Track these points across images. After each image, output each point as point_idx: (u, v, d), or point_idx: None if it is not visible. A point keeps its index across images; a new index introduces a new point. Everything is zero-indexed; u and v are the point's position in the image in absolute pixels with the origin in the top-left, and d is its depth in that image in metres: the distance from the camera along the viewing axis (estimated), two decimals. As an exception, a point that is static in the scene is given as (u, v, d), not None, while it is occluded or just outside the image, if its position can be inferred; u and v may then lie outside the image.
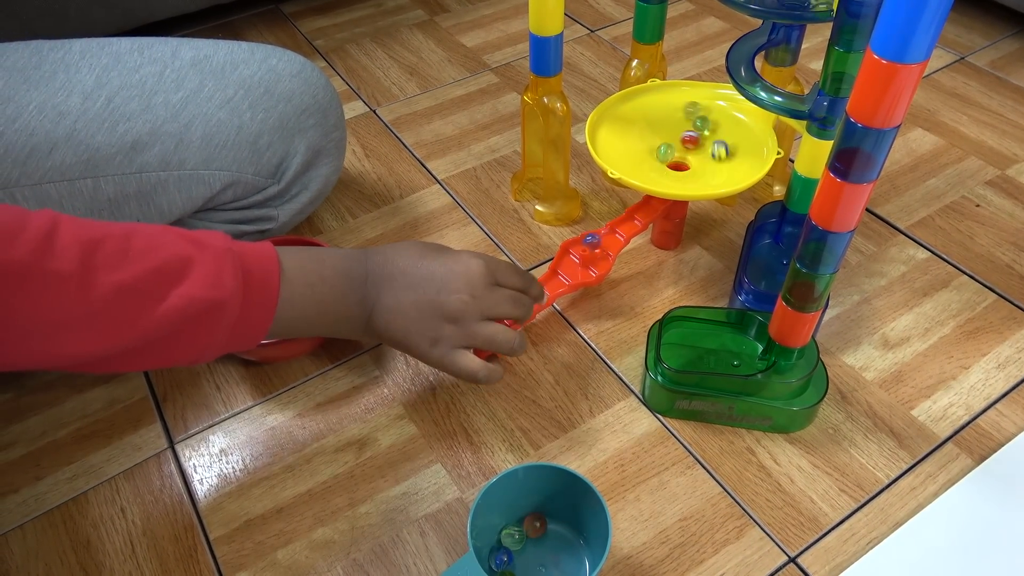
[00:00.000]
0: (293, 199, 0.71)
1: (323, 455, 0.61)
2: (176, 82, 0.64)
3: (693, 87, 0.75)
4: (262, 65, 0.68)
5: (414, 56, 1.05)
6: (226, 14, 1.15)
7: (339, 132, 0.74)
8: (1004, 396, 0.63)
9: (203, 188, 0.65)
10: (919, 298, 0.70)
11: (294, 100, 0.68)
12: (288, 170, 0.69)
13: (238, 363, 0.67)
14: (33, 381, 0.67)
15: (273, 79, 0.68)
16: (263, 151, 0.66)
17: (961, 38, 1.04)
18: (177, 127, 0.63)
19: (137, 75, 0.64)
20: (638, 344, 0.67)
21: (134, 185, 0.62)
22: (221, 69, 0.66)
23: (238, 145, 0.65)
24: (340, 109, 0.74)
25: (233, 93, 0.66)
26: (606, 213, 0.80)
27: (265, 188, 0.68)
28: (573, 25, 1.10)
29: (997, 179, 0.83)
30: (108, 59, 0.64)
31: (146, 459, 0.61)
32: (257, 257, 0.51)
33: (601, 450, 0.60)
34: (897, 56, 0.38)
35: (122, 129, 0.61)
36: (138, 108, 0.62)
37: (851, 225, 0.47)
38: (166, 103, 0.63)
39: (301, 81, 0.69)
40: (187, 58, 0.66)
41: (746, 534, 0.55)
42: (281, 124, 0.67)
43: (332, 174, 0.74)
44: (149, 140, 0.62)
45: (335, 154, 0.74)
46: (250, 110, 0.66)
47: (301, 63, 0.71)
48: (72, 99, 0.61)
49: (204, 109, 0.64)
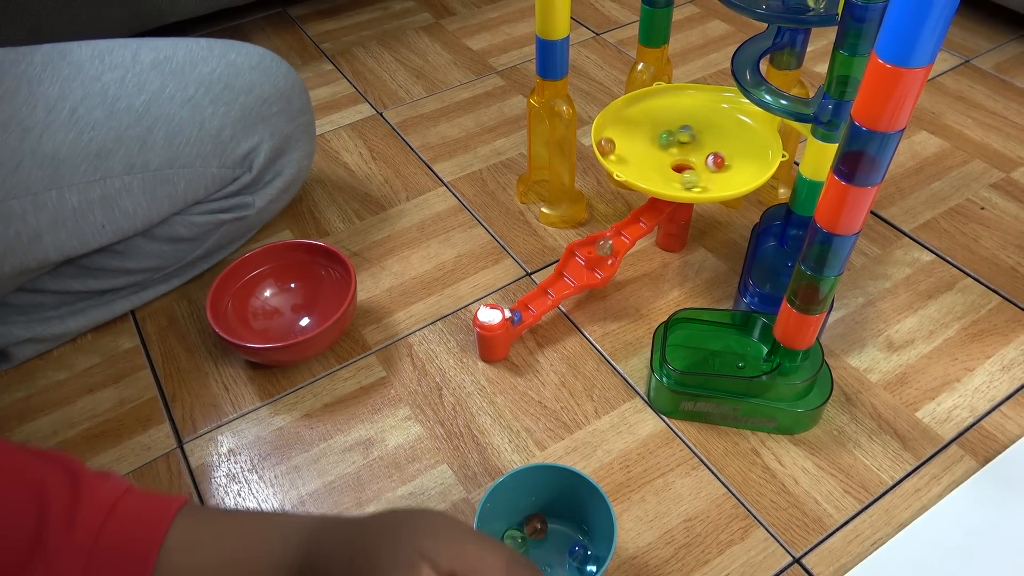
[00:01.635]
0: (268, 185, 0.73)
1: (330, 455, 0.61)
2: (138, 86, 0.65)
3: (698, 90, 0.75)
4: (220, 61, 0.69)
5: (420, 59, 1.06)
6: (234, 17, 1.16)
7: (306, 116, 0.75)
8: (1008, 398, 0.63)
9: (168, 187, 0.65)
10: (924, 300, 0.71)
11: (255, 91, 0.70)
12: (257, 158, 0.70)
13: (246, 364, 0.68)
14: (44, 381, 0.67)
15: (232, 73, 0.69)
16: (226, 143, 0.68)
17: (966, 41, 1.04)
18: (140, 131, 0.64)
19: (99, 83, 0.65)
20: (643, 346, 0.68)
21: (98, 191, 0.63)
22: (181, 69, 0.68)
23: (201, 141, 0.66)
24: (305, 95, 0.76)
25: (194, 91, 0.67)
26: (611, 215, 0.81)
27: (237, 178, 0.70)
28: (579, 28, 1.11)
29: (1002, 182, 0.83)
30: (69, 69, 0.65)
31: (155, 459, 0.62)
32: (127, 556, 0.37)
33: (606, 451, 0.60)
34: (901, 61, 0.38)
35: (87, 138, 0.62)
36: (102, 116, 0.63)
37: (856, 228, 0.48)
38: (129, 108, 0.64)
39: (260, 72, 0.71)
40: (147, 61, 0.67)
41: (751, 535, 0.55)
42: (243, 115, 0.69)
43: (304, 158, 0.76)
44: (114, 146, 0.63)
45: (304, 139, 0.76)
46: (211, 105, 0.67)
47: (260, 54, 0.72)
48: (36, 113, 0.61)
49: (166, 110, 0.65)
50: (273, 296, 0.71)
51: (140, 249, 0.68)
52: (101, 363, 0.69)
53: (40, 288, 0.66)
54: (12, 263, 0.61)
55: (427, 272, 0.75)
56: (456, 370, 0.66)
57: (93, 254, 0.66)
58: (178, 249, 0.70)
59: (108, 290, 0.70)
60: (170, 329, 0.71)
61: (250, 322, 0.69)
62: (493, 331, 0.63)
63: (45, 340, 0.68)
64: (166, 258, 0.70)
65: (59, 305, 0.68)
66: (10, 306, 0.66)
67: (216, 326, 0.64)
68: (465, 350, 0.68)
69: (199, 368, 0.68)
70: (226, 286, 0.68)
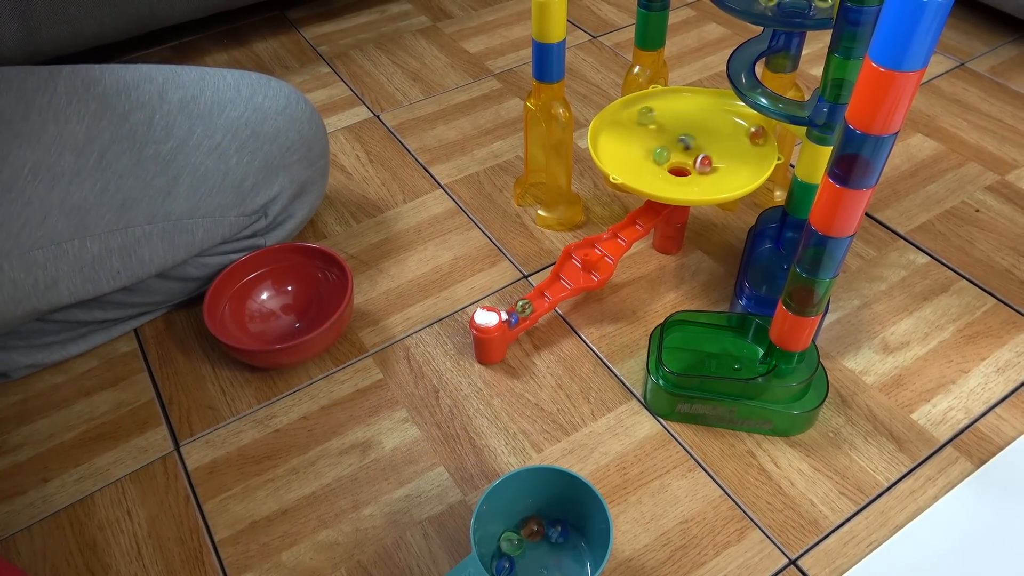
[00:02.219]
0: (279, 227, 0.73)
1: (327, 458, 0.61)
2: (166, 130, 0.65)
3: (695, 93, 0.76)
4: (248, 104, 0.68)
5: (417, 62, 1.06)
6: (232, 20, 1.16)
7: (323, 160, 0.75)
8: (1003, 400, 0.63)
9: (186, 236, 0.65)
10: (919, 302, 0.71)
11: (279, 139, 0.69)
12: (274, 206, 0.70)
13: (243, 366, 0.68)
14: (41, 384, 0.67)
15: (259, 119, 0.68)
16: (247, 193, 0.67)
17: (961, 44, 1.05)
18: (166, 180, 0.63)
19: (127, 124, 0.64)
20: (640, 348, 0.68)
21: (119, 240, 0.62)
22: (209, 112, 0.67)
23: (223, 191, 0.66)
24: (325, 137, 0.75)
25: (220, 138, 0.66)
26: (608, 218, 0.81)
27: (252, 224, 0.69)
28: (575, 31, 1.11)
29: (997, 184, 0.83)
30: (96, 104, 0.64)
31: (152, 461, 0.62)
32: None
33: (603, 453, 0.60)
34: (895, 64, 0.38)
35: (113, 187, 0.61)
36: (129, 164, 0.62)
37: (851, 230, 0.48)
38: (156, 155, 0.63)
39: (286, 118, 0.70)
40: (175, 100, 0.66)
41: (747, 537, 0.55)
42: (266, 164, 0.68)
43: (317, 199, 0.76)
44: (139, 195, 0.62)
45: (320, 181, 0.75)
46: (236, 154, 0.66)
47: (286, 96, 0.71)
48: (65, 157, 0.61)
49: (192, 159, 0.65)
50: (270, 299, 0.71)
51: (149, 287, 0.68)
52: (98, 366, 0.69)
53: (46, 318, 0.66)
54: (25, 307, 0.60)
55: (424, 275, 0.75)
56: (453, 372, 0.67)
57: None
58: (186, 286, 0.70)
59: (112, 319, 0.69)
60: (167, 332, 0.71)
61: (247, 325, 0.69)
62: (489, 333, 0.64)
63: (44, 365, 0.68)
64: (173, 293, 0.70)
65: (61, 331, 0.68)
66: (11, 331, 0.65)
67: (213, 329, 0.64)
68: (462, 352, 0.68)
69: (196, 371, 0.68)
70: (223, 289, 0.68)
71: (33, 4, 0.90)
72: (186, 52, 1.10)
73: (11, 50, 0.92)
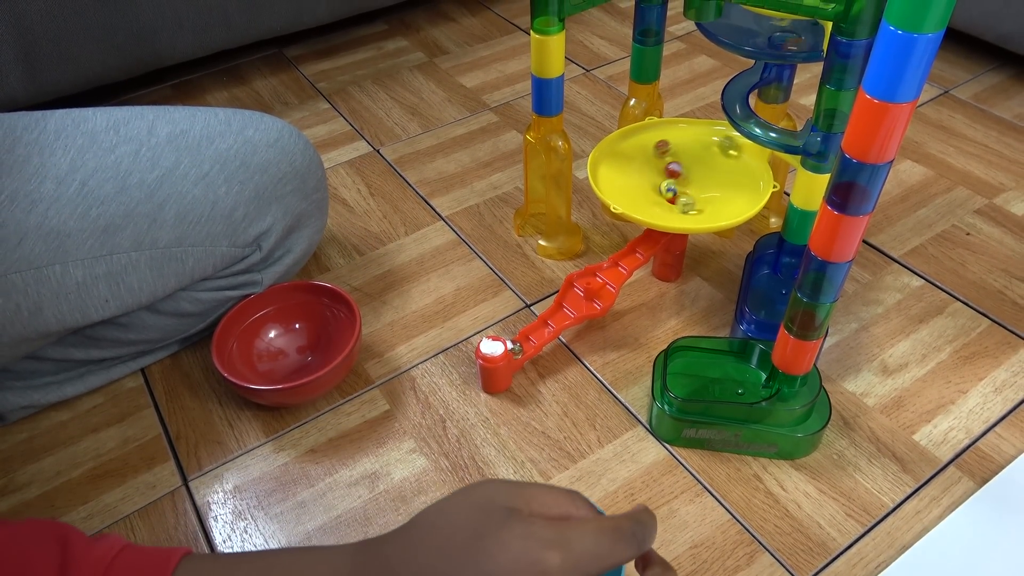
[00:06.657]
0: (277, 262, 0.72)
1: (336, 490, 0.61)
2: (152, 160, 0.64)
3: (690, 124, 0.77)
4: (238, 137, 0.68)
5: (415, 97, 1.08)
6: (231, 59, 1.18)
7: (320, 193, 0.74)
8: (1002, 419, 0.64)
9: (175, 265, 0.64)
10: (915, 325, 0.72)
11: (270, 170, 0.68)
12: (268, 238, 0.69)
13: (250, 402, 0.68)
14: (47, 422, 0.67)
15: (249, 151, 0.68)
16: (238, 223, 0.66)
17: (945, 72, 1.08)
18: (151, 207, 0.63)
19: (112, 156, 0.63)
20: (643, 374, 0.69)
21: (104, 267, 0.61)
22: (197, 144, 0.66)
23: (212, 220, 0.65)
24: (321, 170, 0.75)
25: (208, 168, 0.65)
26: (607, 247, 0.82)
27: (246, 257, 0.68)
28: (569, 65, 1.13)
29: (985, 208, 0.85)
30: (83, 139, 0.64)
31: (160, 497, 0.62)
32: None
33: (611, 480, 0.61)
34: (889, 96, 0.40)
35: (95, 213, 0.61)
36: (112, 190, 0.62)
37: (849, 255, 0.49)
38: (141, 183, 0.63)
39: (278, 150, 0.69)
40: (163, 134, 0.66)
41: (756, 560, 0.56)
42: (257, 195, 0.67)
43: (316, 234, 0.75)
44: (123, 222, 0.61)
45: (318, 215, 0.74)
46: (225, 184, 0.66)
47: (279, 130, 0.71)
48: (45, 185, 0.60)
49: (179, 187, 0.64)
50: (278, 337, 0.71)
51: (144, 322, 0.67)
52: (104, 402, 0.69)
53: (41, 356, 0.65)
54: (11, 334, 0.59)
55: (427, 306, 0.76)
56: (459, 402, 0.67)
57: (96, 325, 0.65)
58: (181, 323, 0.69)
59: (109, 359, 0.69)
60: (174, 367, 0.72)
61: (255, 364, 0.69)
62: (496, 363, 0.64)
63: (41, 406, 0.68)
64: (169, 331, 0.69)
65: (58, 371, 0.67)
66: (7, 371, 0.65)
67: (222, 369, 0.64)
68: (468, 382, 0.69)
69: (203, 405, 0.68)
70: (231, 328, 0.68)
71: (38, 43, 0.92)
72: (187, 90, 1.12)
73: (15, 90, 0.93)
